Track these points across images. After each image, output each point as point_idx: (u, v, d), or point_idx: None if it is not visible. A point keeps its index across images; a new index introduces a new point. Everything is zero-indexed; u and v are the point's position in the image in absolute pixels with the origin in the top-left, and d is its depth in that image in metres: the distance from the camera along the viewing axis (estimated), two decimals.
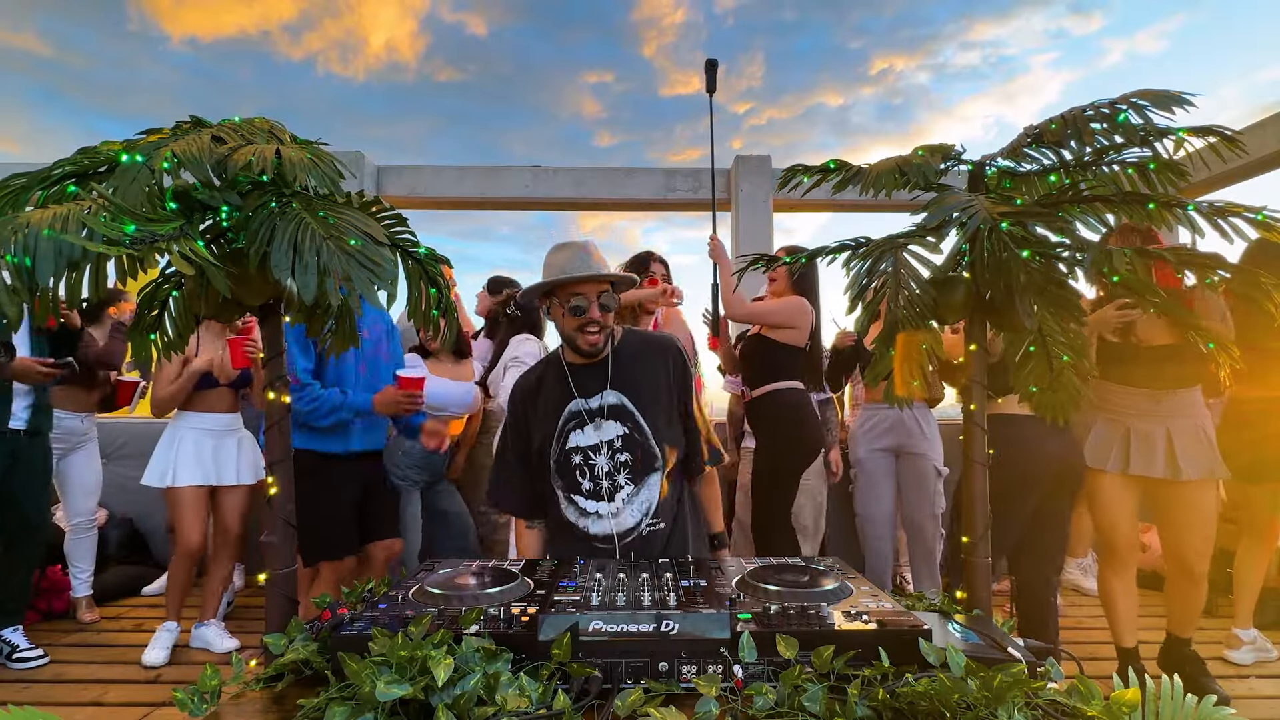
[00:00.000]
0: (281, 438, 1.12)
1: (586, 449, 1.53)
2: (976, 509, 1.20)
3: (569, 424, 1.55)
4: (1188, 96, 0.98)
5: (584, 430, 1.54)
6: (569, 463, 1.54)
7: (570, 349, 1.58)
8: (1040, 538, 2.38)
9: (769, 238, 4.74)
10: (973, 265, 1.14)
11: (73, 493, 3.07)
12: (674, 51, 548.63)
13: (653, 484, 1.52)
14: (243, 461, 2.84)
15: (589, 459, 1.53)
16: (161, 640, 2.67)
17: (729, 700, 0.79)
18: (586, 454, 1.53)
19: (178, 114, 7.16)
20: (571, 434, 1.55)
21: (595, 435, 1.53)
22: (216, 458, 2.77)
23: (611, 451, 1.52)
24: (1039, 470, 2.29)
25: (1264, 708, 2.28)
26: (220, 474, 2.76)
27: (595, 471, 1.52)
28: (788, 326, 2.74)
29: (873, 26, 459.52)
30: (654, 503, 1.51)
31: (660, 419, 1.54)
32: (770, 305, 2.87)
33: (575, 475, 1.53)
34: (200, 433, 2.76)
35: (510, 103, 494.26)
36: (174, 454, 2.70)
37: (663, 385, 1.56)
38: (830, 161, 1.29)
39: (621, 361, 1.56)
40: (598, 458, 1.52)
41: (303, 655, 0.88)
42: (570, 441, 1.54)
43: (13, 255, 0.77)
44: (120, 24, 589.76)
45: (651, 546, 1.50)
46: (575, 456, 1.54)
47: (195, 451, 2.73)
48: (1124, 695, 0.73)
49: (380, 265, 0.90)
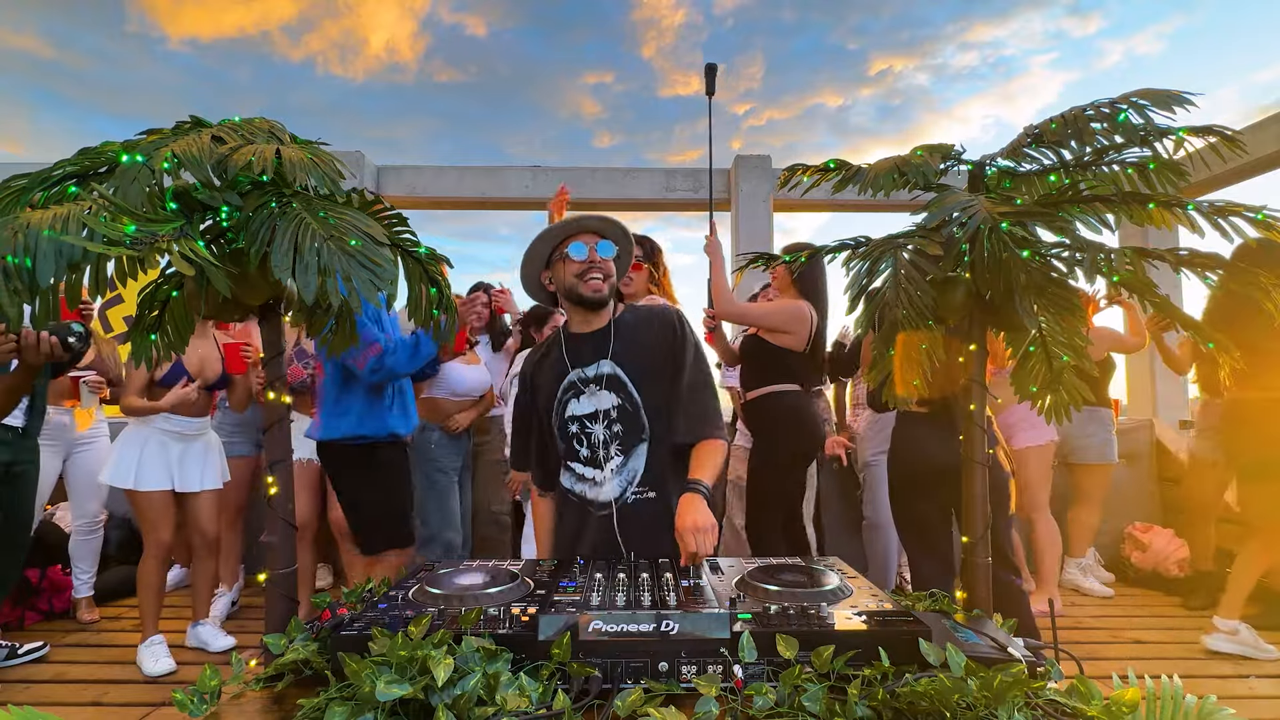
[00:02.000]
0: (282, 438, 1.12)
1: (583, 418, 1.57)
2: (976, 509, 1.20)
3: (567, 393, 1.59)
4: (1188, 96, 0.98)
5: (580, 399, 1.57)
6: (567, 431, 1.58)
7: (575, 309, 1.60)
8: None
9: (769, 237, 4.74)
10: (973, 265, 1.14)
11: (80, 493, 3.05)
12: (673, 52, 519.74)
13: (639, 454, 1.54)
14: (208, 466, 2.75)
15: (585, 427, 1.56)
16: (156, 652, 2.58)
17: (729, 700, 0.79)
18: (583, 422, 1.57)
19: (178, 114, 7.09)
20: (570, 403, 1.59)
21: (591, 404, 1.56)
22: (183, 462, 2.68)
23: (608, 421, 1.55)
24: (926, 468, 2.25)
25: (1264, 708, 2.28)
26: (185, 480, 2.68)
27: (592, 440, 1.56)
28: (782, 331, 2.69)
29: (872, 27, 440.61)
30: (639, 472, 1.53)
31: (655, 391, 1.56)
32: (763, 308, 2.83)
33: (574, 443, 1.58)
34: (167, 435, 2.66)
35: (510, 103, 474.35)
36: (139, 455, 2.62)
37: (660, 355, 1.58)
38: (830, 161, 1.29)
39: (620, 332, 1.59)
40: (594, 426, 1.56)
41: (303, 655, 0.88)
42: (569, 410, 1.58)
43: (13, 255, 0.77)
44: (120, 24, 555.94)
45: (641, 515, 1.51)
46: (573, 425, 1.58)
47: (161, 454, 2.64)
48: (1124, 695, 0.73)
49: (380, 265, 0.90)
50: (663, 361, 1.57)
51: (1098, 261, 1.01)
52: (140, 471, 2.61)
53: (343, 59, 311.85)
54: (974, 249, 1.08)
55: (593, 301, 1.55)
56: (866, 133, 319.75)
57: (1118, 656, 2.68)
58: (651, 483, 1.53)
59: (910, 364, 1.29)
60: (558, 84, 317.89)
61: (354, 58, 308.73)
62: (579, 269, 1.53)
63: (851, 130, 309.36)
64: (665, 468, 1.54)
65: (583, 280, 1.53)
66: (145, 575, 2.64)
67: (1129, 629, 2.98)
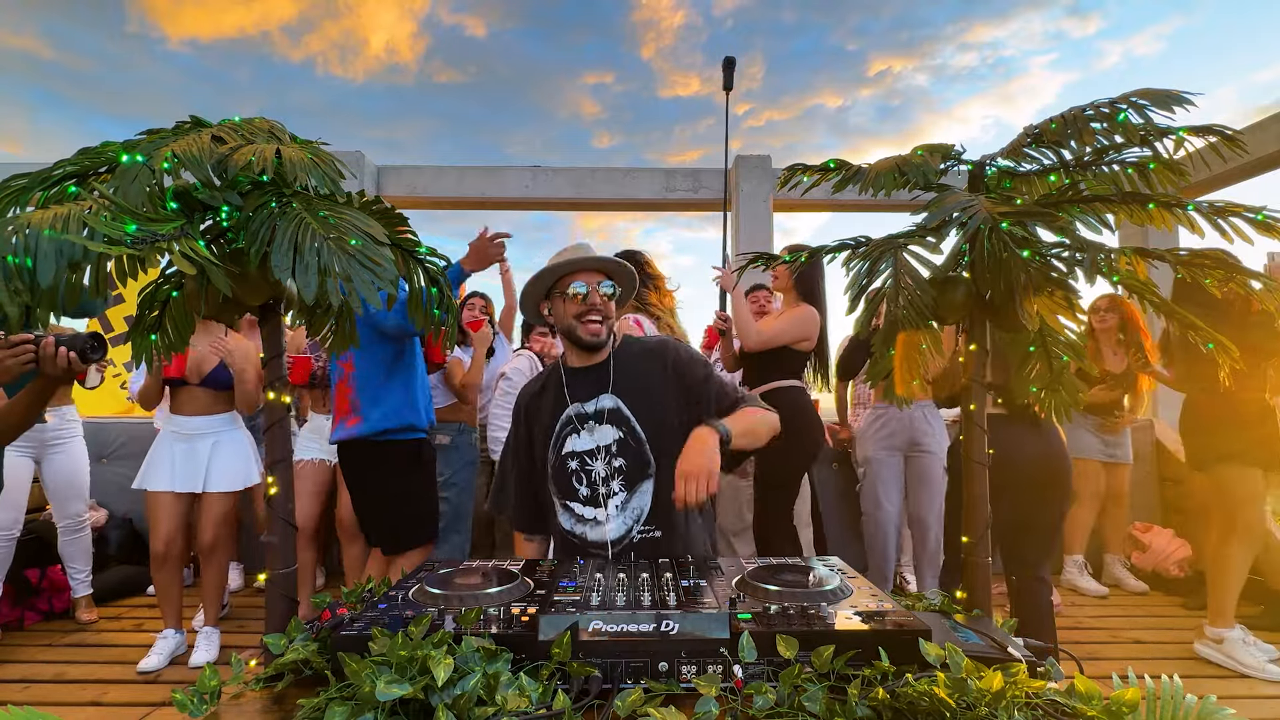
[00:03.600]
0: (282, 437, 1.12)
1: (583, 454, 1.50)
2: (976, 509, 1.20)
3: (565, 429, 1.53)
4: (1188, 96, 0.98)
5: (579, 435, 1.51)
6: (565, 469, 1.51)
7: (573, 347, 1.56)
8: (1024, 539, 2.25)
9: (769, 237, 4.75)
10: (973, 265, 1.14)
11: (59, 495, 3.01)
12: (673, 53, 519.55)
13: (645, 491, 1.48)
14: (215, 468, 2.68)
15: (585, 464, 1.50)
16: (159, 647, 2.59)
17: (729, 700, 0.79)
18: (583, 459, 1.50)
19: (178, 114, 7.10)
20: (568, 439, 1.52)
21: (591, 440, 1.50)
22: (187, 463, 2.64)
23: (609, 456, 1.48)
24: (1017, 471, 2.17)
25: (1264, 707, 2.28)
26: (188, 481, 2.63)
27: (591, 477, 1.49)
28: (803, 339, 2.75)
29: (871, 28, 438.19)
30: (645, 510, 1.47)
31: (659, 425, 1.49)
32: (784, 326, 2.80)
33: (572, 481, 1.50)
34: (171, 435, 2.66)
35: (510, 104, 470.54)
36: (151, 455, 2.64)
37: (662, 387, 1.52)
38: (830, 161, 1.29)
39: (620, 366, 1.54)
40: (594, 463, 1.49)
41: (303, 655, 0.88)
42: (566, 447, 1.52)
43: (13, 255, 0.77)
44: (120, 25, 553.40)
45: (645, 554, 1.45)
46: (572, 462, 1.50)
47: (168, 455, 2.64)
48: (1124, 695, 0.73)
49: (380, 265, 0.90)
50: (664, 392, 1.51)
51: (1098, 261, 1.01)
52: (148, 472, 2.63)
53: (343, 59, 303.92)
54: (974, 249, 1.08)
55: (590, 345, 1.52)
56: (866, 133, 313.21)
57: (1118, 656, 2.68)
58: (658, 522, 1.47)
59: (910, 363, 1.29)
60: (558, 84, 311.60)
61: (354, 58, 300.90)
62: (578, 310, 1.50)
63: (851, 131, 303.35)
64: (673, 506, 1.44)
65: (581, 322, 1.50)
66: (154, 576, 2.68)
67: (1129, 629, 2.98)
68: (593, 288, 1.49)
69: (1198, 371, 2.75)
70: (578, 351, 1.56)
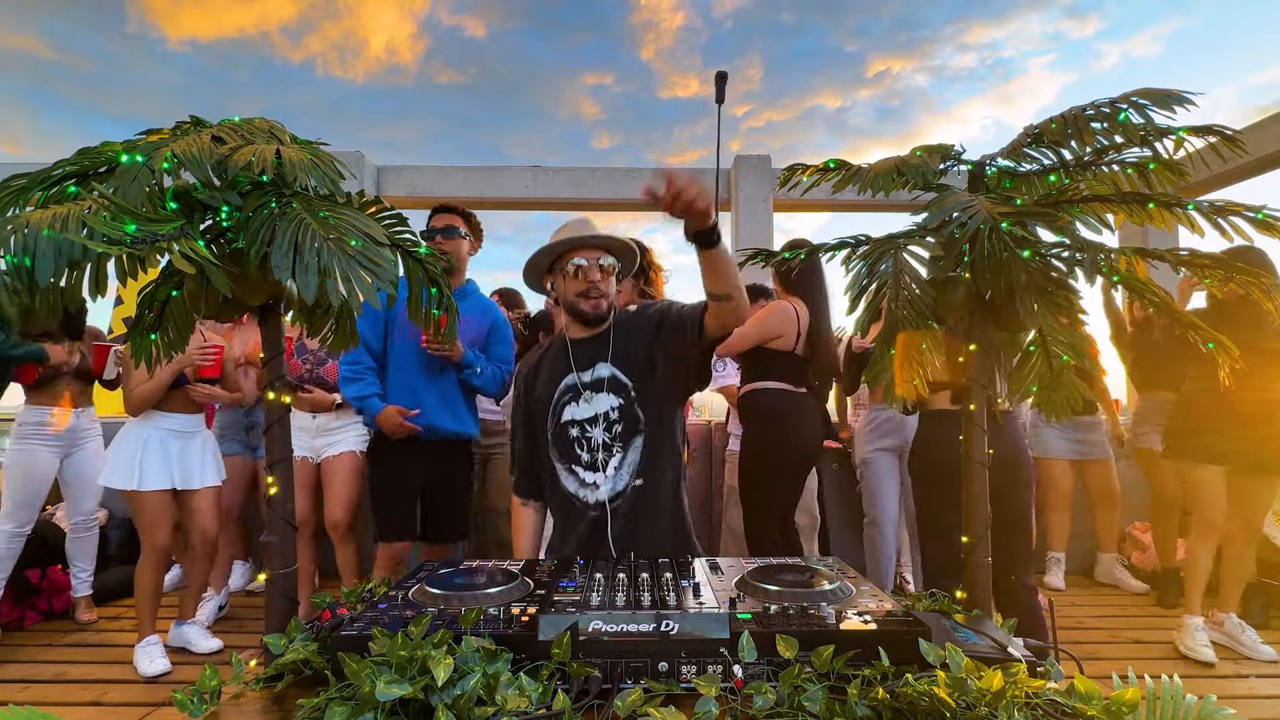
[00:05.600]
0: (282, 437, 1.12)
1: (583, 422, 1.57)
2: (976, 509, 1.20)
3: (564, 397, 1.59)
4: (1188, 96, 0.98)
5: (578, 404, 1.57)
6: (566, 435, 1.58)
7: (574, 320, 1.62)
8: (1000, 538, 2.21)
9: (769, 237, 4.75)
10: (973, 265, 1.14)
11: (75, 491, 3.05)
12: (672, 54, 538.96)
13: (636, 446, 1.55)
14: (207, 463, 2.77)
15: (585, 431, 1.56)
16: (151, 653, 2.57)
17: (729, 700, 0.79)
18: (583, 426, 1.57)
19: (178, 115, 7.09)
20: (567, 407, 1.58)
21: (590, 408, 1.56)
22: (183, 460, 2.68)
23: (608, 423, 1.55)
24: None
25: (1264, 707, 2.28)
26: (186, 478, 2.68)
27: (592, 444, 1.55)
28: (774, 337, 2.73)
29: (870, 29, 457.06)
30: (635, 464, 1.54)
31: (646, 379, 1.56)
32: (746, 328, 2.75)
33: (574, 447, 1.57)
34: (167, 434, 2.67)
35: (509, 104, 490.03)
36: (139, 455, 2.60)
37: (650, 341, 1.57)
38: (830, 161, 1.29)
39: (619, 335, 1.60)
40: (594, 430, 1.56)
41: (303, 655, 0.88)
42: (565, 415, 1.58)
43: (13, 255, 0.77)
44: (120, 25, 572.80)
45: (629, 507, 1.52)
46: (572, 430, 1.57)
47: (162, 453, 2.64)
48: (1124, 695, 0.73)
49: (380, 266, 0.90)
50: (658, 345, 1.56)
51: (1098, 261, 1.01)
52: (142, 472, 2.60)
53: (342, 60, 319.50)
54: (974, 249, 1.08)
55: (592, 318, 1.58)
56: (865, 134, 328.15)
57: (1118, 656, 2.68)
58: (644, 472, 1.54)
59: (910, 364, 1.29)
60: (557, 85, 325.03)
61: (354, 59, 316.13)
62: (580, 288, 1.55)
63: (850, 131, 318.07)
64: (660, 458, 1.55)
65: (583, 298, 1.56)
66: (142, 577, 2.62)
67: (1129, 629, 2.98)
68: (593, 263, 1.54)
69: (1197, 371, 2.77)
70: (578, 324, 1.62)
